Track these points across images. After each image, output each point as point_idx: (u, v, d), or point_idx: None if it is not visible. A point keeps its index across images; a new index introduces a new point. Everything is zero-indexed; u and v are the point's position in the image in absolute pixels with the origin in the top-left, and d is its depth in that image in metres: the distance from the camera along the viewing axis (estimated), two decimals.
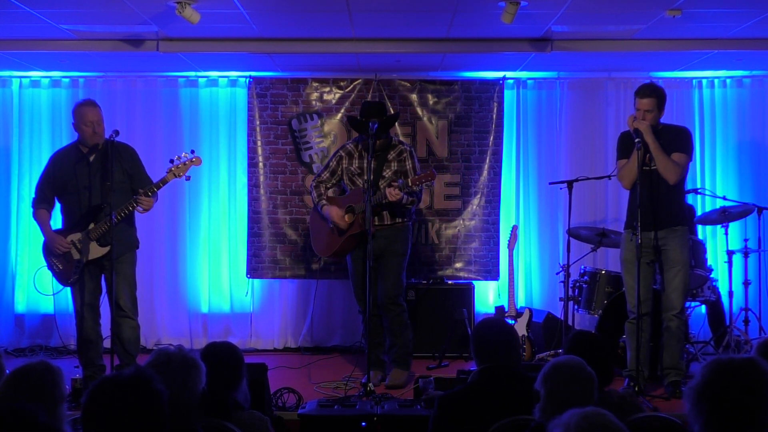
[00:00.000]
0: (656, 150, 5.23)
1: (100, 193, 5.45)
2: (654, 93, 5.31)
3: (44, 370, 2.70)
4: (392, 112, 6.79)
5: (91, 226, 5.46)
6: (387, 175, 5.72)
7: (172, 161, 5.58)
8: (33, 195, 5.75)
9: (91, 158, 5.52)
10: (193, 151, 5.70)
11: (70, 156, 5.61)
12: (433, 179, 5.69)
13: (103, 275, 5.57)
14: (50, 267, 5.62)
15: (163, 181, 5.52)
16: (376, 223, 5.65)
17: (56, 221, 5.72)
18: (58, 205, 5.69)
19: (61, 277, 5.58)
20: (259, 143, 7.29)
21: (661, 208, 5.26)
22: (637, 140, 5.20)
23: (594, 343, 3.60)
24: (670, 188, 5.32)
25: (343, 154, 5.92)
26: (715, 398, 2.29)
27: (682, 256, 5.33)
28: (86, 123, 5.48)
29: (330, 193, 6.02)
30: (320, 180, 5.97)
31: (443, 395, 3.49)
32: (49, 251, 5.59)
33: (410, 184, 5.60)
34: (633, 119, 5.29)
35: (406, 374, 5.70)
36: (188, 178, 5.69)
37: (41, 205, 5.66)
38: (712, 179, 7.40)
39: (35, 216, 5.69)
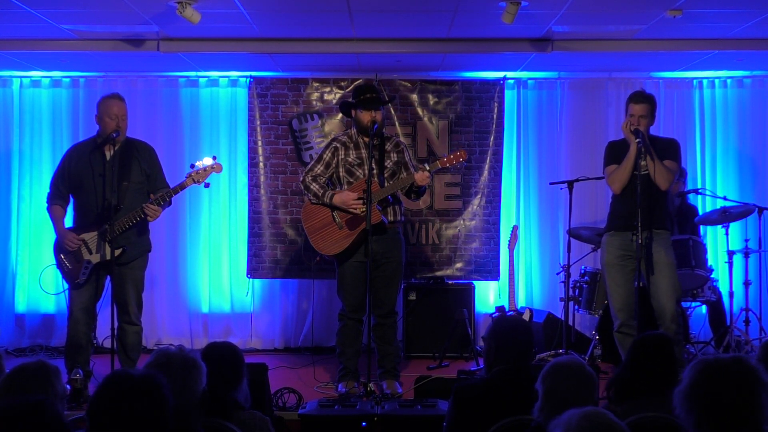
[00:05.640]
0: (652, 155, 5.25)
1: (117, 193, 5.26)
2: (647, 100, 5.34)
3: (39, 369, 2.70)
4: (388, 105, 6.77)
5: (106, 226, 5.28)
6: (389, 166, 5.57)
7: (192, 166, 5.47)
8: (48, 190, 5.61)
9: (109, 155, 5.39)
10: (214, 158, 5.55)
11: (87, 150, 5.48)
12: (465, 159, 5.55)
13: (108, 277, 5.43)
14: (59, 265, 5.48)
15: (181, 186, 5.41)
16: (390, 219, 5.54)
17: (68, 219, 5.59)
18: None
19: (69, 277, 5.44)
20: (259, 143, 7.29)
21: (647, 211, 5.26)
22: (638, 140, 5.20)
23: (663, 346, 3.43)
24: (659, 194, 5.33)
25: (337, 145, 5.58)
26: (704, 399, 2.29)
27: (667, 257, 5.32)
28: (111, 116, 5.37)
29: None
30: (315, 174, 5.57)
31: (460, 386, 3.50)
32: (60, 248, 5.45)
33: (441, 166, 5.50)
34: (628, 124, 5.30)
35: (396, 382, 5.67)
36: (207, 185, 5.56)
37: (56, 201, 5.51)
38: (713, 179, 7.40)
39: (49, 211, 5.54)
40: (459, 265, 7.30)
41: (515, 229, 6.85)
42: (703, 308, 6.94)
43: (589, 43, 6.31)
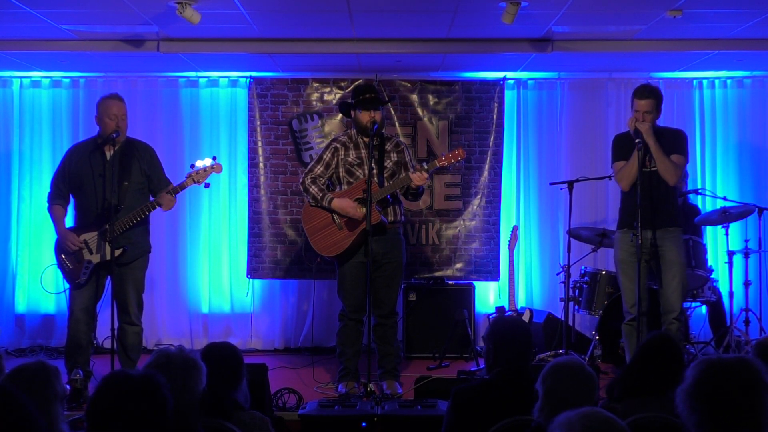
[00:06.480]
0: (657, 151, 5.22)
1: (117, 193, 5.26)
2: (652, 94, 5.30)
3: (39, 369, 2.70)
4: (388, 105, 6.78)
5: (106, 226, 5.27)
6: (389, 166, 5.56)
7: (192, 166, 5.47)
8: (48, 189, 5.61)
9: (109, 155, 5.39)
10: (214, 158, 5.56)
11: (87, 150, 5.49)
12: (462, 157, 5.54)
13: (108, 277, 5.43)
14: (60, 265, 5.48)
15: (181, 186, 5.41)
16: (390, 219, 5.54)
17: (68, 219, 5.59)
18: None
19: (70, 276, 5.44)
20: (259, 143, 7.29)
21: (658, 209, 5.26)
22: (637, 140, 5.20)
23: (668, 345, 3.42)
24: (668, 190, 5.33)
25: (337, 145, 5.58)
26: (707, 398, 2.28)
27: (678, 257, 5.33)
28: (110, 116, 5.37)
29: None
30: (315, 175, 5.56)
31: (458, 389, 3.49)
32: (60, 248, 5.45)
33: (439, 165, 5.49)
34: (634, 121, 5.28)
35: (396, 383, 5.67)
36: (207, 186, 5.56)
37: (56, 200, 5.52)
38: (713, 180, 7.40)
39: (50, 211, 5.54)
40: (459, 265, 7.30)
41: (515, 229, 6.85)
42: (703, 308, 6.94)
43: (589, 43, 6.31)
